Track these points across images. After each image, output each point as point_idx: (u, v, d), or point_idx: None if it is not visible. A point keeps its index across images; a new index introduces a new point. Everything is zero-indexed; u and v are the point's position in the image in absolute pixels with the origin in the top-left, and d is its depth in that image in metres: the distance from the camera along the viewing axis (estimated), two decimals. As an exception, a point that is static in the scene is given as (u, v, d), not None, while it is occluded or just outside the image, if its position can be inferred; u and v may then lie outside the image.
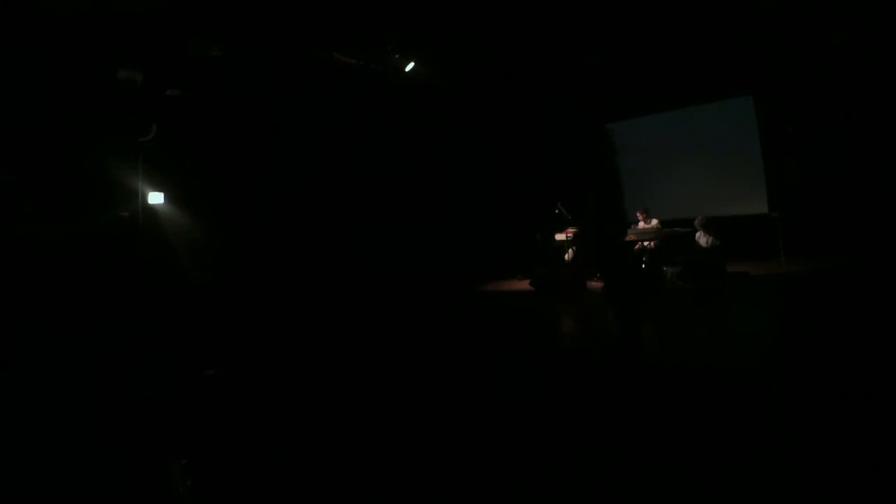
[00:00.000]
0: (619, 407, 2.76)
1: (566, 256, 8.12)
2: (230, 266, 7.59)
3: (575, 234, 7.71)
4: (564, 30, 7.61)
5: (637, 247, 7.45)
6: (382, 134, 8.63)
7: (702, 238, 7.38)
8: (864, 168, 8.26)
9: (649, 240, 7.36)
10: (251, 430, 2.91)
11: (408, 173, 8.71)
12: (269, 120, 7.99)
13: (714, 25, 7.93)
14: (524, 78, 8.82)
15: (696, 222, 7.46)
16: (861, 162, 8.30)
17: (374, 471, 2.25)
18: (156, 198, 7.46)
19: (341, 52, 7.75)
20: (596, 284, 7.49)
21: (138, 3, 6.09)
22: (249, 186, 7.92)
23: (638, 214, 7.57)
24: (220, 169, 7.84)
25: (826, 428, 2.24)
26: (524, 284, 7.65)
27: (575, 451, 2.26)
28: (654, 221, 7.54)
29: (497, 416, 2.79)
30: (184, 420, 3.18)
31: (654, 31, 7.96)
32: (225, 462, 2.51)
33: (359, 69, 7.86)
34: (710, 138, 9.15)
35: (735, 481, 1.87)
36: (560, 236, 8.02)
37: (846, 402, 2.50)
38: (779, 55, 8.58)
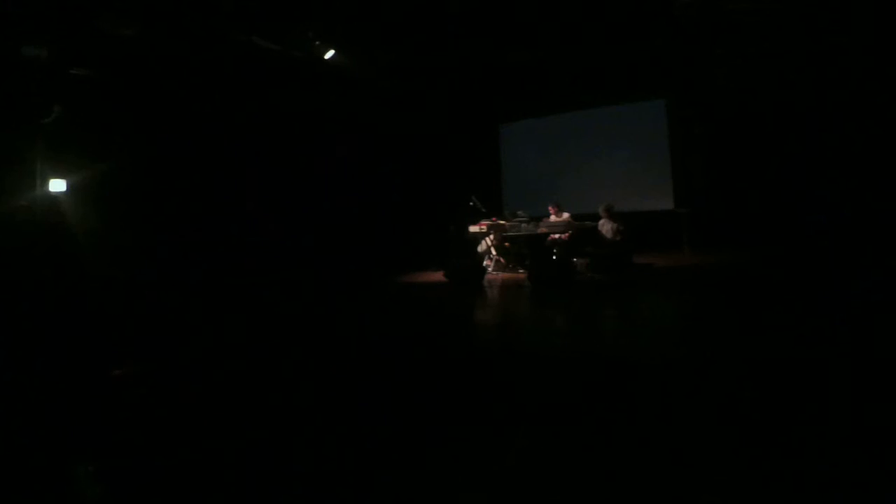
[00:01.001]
0: (528, 394, 2.84)
1: (479, 248, 8.36)
2: (136, 259, 7.29)
3: (489, 226, 7.96)
4: (482, 27, 7.81)
5: (549, 239, 7.77)
6: (298, 122, 8.55)
7: (606, 225, 7.61)
8: (764, 166, 8.95)
9: (560, 232, 7.67)
10: (160, 432, 2.79)
11: (323, 164, 8.66)
12: (180, 103, 7.74)
13: (634, 33, 8.37)
14: (442, 72, 8.98)
15: (600, 209, 7.67)
16: (762, 161, 8.98)
17: (280, 473, 2.20)
18: (57, 185, 7.09)
19: (261, 37, 7.63)
20: (505, 275, 7.86)
21: None
22: (158, 173, 7.64)
23: (549, 208, 7.87)
24: (127, 155, 7.52)
25: (726, 413, 2.38)
26: (439, 276, 7.78)
27: (479, 440, 2.29)
28: (566, 215, 7.85)
29: (412, 406, 2.81)
30: (90, 423, 3.02)
31: (578, 34, 8.29)
32: (135, 467, 2.40)
33: (278, 55, 7.75)
34: (624, 138, 9.65)
35: (638, 467, 1.93)
36: (474, 228, 8.21)
37: (747, 387, 2.67)
38: (691, 61, 9.16)
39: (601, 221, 7.65)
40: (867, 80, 8.06)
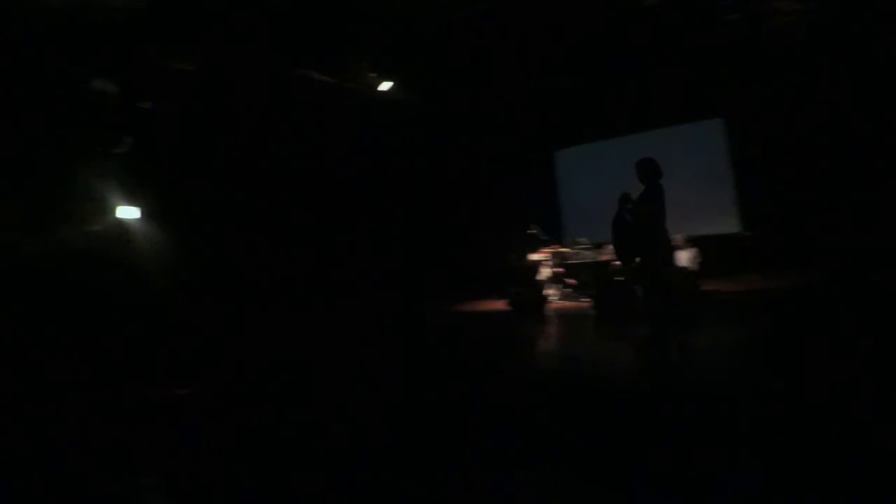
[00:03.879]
0: (599, 427, 2.74)
1: (541, 276, 8.18)
2: (204, 281, 7.47)
3: (550, 254, 7.80)
4: (537, 54, 7.76)
5: (613, 267, 7.55)
6: (359, 153, 8.65)
7: (683, 253, 7.45)
8: (828, 187, 8.52)
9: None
10: (222, 449, 2.88)
11: (385, 193, 8.72)
12: (243, 135, 7.95)
13: (687, 52, 8.18)
14: (499, 101, 8.95)
15: (677, 241, 7.53)
16: (826, 181, 8.56)
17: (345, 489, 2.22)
18: (129, 211, 7.34)
19: (318, 71, 7.78)
20: (568, 304, 7.65)
21: (115, 14, 6.06)
22: (223, 201, 7.84)
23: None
24: (195, 183, 7.75)
25: (802, 444, 2.24)
26: (501, 304, 7.65)
27: (552, 471, 2.23)
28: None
29: (477, 435, 2.75)
30: (155, 439, 3.11)
31: (629, 56, 8.16)
32: (195, 481, 2.47)
33: (335, 87, 7.89)
34: (684, 159, 9.34)
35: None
36: (535, 256, 8.05)
37: (822, 416, 2.53)
38: (746, 77, 8.87)
39: (678, 253, 7.47)
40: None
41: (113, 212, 7.31)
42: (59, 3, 5.67)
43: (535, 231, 8.30)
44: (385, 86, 7.79)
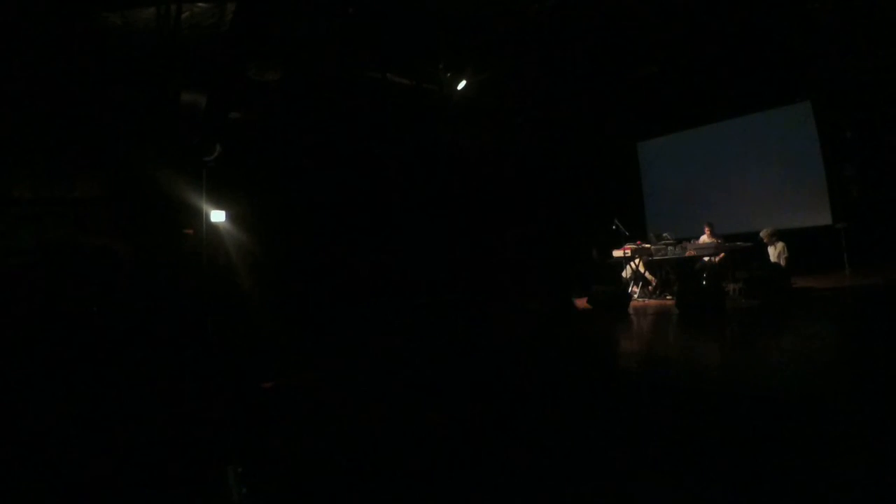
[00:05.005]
0: (685, 429, 2.71)
1: (624, 273, 8.07)
2: (288, 282, 7.84)
3: (633, 250, 7.65)
4: (614, 44, 7.56)
5: (699, 263, 7.36)
6: (439, 154, 8.74)
7: (771, 250, 7.21)
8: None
9: (710, 255, 7.23)
10: (304, 442, 3.02)
11: (462, 192, 8.79)
12: (325, 141, 8.22)
13: (767, 29, 7.74)
14: (576, 95, 8.79)
15: (762, 234, 7.29)
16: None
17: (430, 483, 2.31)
18: (218, 215, 7.75)
19: (394, 73, 7.91)
20: (652, 302, 7.50)
21: (199, 29, 6.39)
22: (308, 205, 8.16)
23: (705, 227, 7.45)
24: (280, 188, 8.11)
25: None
26: (582, 302, 7.61)
27: (633, 474, 2.24)
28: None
29: (562, 438, 2.78)
30: (241, 430, 3.32)
31: (703, 40, 7.82)
32: (278, 472, 2.60)
33: (411, 89, 7.99)
34: (771, 147, 8.88)
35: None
36: (618, 253, 7.95)
37: None
38: (835, 57, 8.30)
39: (769, 247, 7.28)
40: None
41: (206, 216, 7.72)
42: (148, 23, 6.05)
43: (617, 226, 8.17)
44: (461, 85, 7.83)
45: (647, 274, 7.85)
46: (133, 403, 4.04)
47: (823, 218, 8.32)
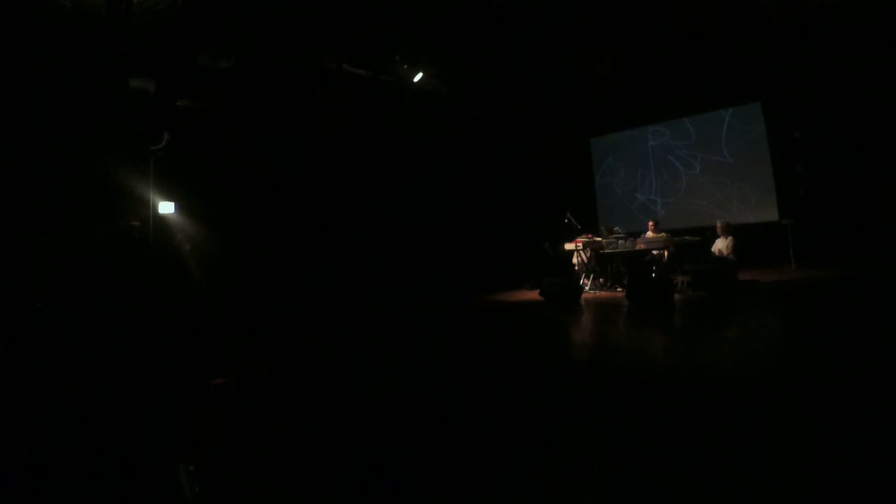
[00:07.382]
0: (632, 417, 2.74)
1: (575, 265, 8.12)
2: (240, 276, 7.65)
3: (584, 243, 7.71)
4: (570, 40, 7.64)
5: (648, 256, 7.46)
6: (390, 145, 8.68)
7: (720, 242, 7.35)
8: (871, 173, 8.20)
9: (658, 249, 7.34)
10: (257, 439, 2.97)
11: (416, 184, 8.74)
12: (277, 130, 8.06)
13: (720, 32, 7.94)
14: (531, 90, 8.85)
15: (718, 224, 7.51)
16: (868, 167, 8.24)
17: (378, 477, 2.28)
18: (166, 207, 7.52)
19: (350, 63, 7.82)
20: (602, 293, 7.58)
21: (150, 14, 6.19)
22: (259, 196, 7.99)
23: (649, 224, 7.56)
24: (230, 179, 7.91)
25: (837, 437, 2.21)
26: (534, 294, 7.63)
27: (585, 461, 2.25)
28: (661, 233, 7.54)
29: (506, 426, 2.78)
30: (192, 427, 3.23)
31: (658, 40, 7.97)
32: (231, 470, 2.57)
33: (368, 80, 7.92)
34: (721, 146, 9.12)
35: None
36: (569, 245, 7.99)
37: (857, 409, 2.47)
38: (783, 58, 8.56)
39: (717, 239, 7.42)
40: None
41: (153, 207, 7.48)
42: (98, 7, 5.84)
43: (569, 219, 8.22)
44: (417, 77, 7.80)
45: (597, 267, 7.93)
46: (75, 402, 3.87)
47: (771, 214, 8.55)
